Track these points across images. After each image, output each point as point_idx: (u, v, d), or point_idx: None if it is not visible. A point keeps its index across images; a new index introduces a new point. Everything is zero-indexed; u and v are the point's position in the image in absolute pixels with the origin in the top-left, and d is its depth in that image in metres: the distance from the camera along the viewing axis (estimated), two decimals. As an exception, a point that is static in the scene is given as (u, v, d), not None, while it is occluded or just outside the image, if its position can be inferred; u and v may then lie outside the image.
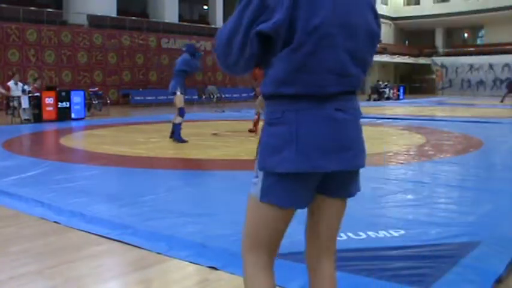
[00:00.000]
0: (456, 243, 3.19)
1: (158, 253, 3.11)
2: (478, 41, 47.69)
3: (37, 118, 12.98)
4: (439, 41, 47.68)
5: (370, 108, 20.25)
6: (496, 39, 43.06)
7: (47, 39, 19.85)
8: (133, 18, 24.16)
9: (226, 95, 24.25)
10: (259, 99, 10.73)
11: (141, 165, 6.51)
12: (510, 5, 39.43)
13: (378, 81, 32.83)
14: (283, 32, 1.33)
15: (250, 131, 9.62)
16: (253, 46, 1.36)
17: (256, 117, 9.67)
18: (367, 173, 6.05)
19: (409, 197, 4.67)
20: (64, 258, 3.05)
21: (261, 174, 1.47)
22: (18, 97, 13.16)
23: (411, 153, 7.58)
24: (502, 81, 38.83)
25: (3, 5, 19.54)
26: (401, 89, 31.99)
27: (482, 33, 47.13)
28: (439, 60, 43.82)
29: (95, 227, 3.62)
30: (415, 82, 45.87)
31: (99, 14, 22.26)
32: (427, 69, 44.61)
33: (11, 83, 13.74)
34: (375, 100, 28.19)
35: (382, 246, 3.14)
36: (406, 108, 20.46)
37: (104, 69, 21.73)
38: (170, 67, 24.26)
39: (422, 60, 45.50)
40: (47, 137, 10.59)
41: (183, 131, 8.51)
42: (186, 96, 8.60)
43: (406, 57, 45.34)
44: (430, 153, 7.51)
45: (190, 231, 3.45)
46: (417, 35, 49.20)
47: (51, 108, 13.22)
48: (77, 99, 13.99)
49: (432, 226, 3.58)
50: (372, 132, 10.77)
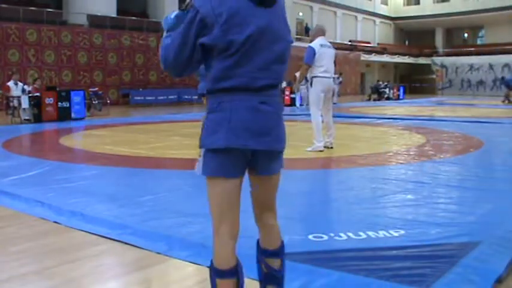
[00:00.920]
0: (456, 243, 3.19)
1: (158, 253, 3.11)
2: (478, 41, 47.70)
3: (37, 118, 12.98)
4: (439, 41, 47.69)
5: (370, 108, 20.26)
6: (496, 39, 43.06)
7: (47, 39, 19.84)
8: (133, 18, 24.16)
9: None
10: None
11: (141, 165, 6.51)
12: (510, 5, 39.43)
13: (378, 81, 32.85)
14: (219, 42, 1.78)
15: None
16: (199, 54, 1.82)
17: None
18: (368, 173, 6.09)
19: (409, 197, 4.67)
20: (64, 258, 3.05)
21: (202, 153, 1.86)
22: (18, 97, 13.16)
23: (411, 153, 7.58)
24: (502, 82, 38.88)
25: (3, 5, 19.53)
26: (401, 89, 31.98)
27: (482, 33, 47.13)
28: (439, 60, 43.82)
29: (95, 227, 3.62)
30: (415, 82, 45.86)
31: (99, 14, 22.25)
32: (427, 69, 44.60)
33: (10, 83, 13.74)
34: (374, 100, 28.19)
35: (382, 246, 3.14)
36: (406, 108, 20.46)
37: (104, 69, 21.73)
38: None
39: (422, 60, 45.51)
40: (47, 137, 10.59)
41: (185, 131, 8.53)
42: (186, 97, 8.59)
43: (406, 57, 45.36)
44: (430, 153, 7.51)
45: (190, 231, 3.46)
46: (417, 35, 49.21)
47: (51, 108, 13.22)
48: (77, 99, 13.99)
49: (432, 226, 3.58)
50: (372, 132, 10.78)
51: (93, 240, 3.41)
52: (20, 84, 13.90)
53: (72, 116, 13.68)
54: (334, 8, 41.01)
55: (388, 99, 29.20)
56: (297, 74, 19.38)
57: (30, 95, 13.19)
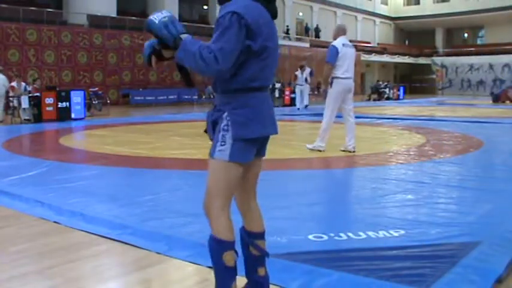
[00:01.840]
0: (456, 243, 3.19)
1: (158, 253, 3.11)
2: (478, 41, 47.69)
3: (37, 118, 12.98)
4: (439, 41, 47.68)
5: (370, 108, 20.26)
6: (496, 39, 43.06)
7: (47, 39, 19.84)
8: (133, 18, 24.14)
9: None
10: None
11: (141, 165, 6.51)
12: (510, 5, 39.43)
13: (378, 81, 32.85)
14: (260, 47, 2.08)
15: None
16: (243, 56, 2.06)
17: None
18: (368, 173, 6.09)
19: (409, 197, 4.67)
20: (64, 258, 3.05)
21: (230, 142, 2.09)
22: (18, 97, 13.16)
23: (411, 153, 7.58)
24: (502, 81, 38.88)
25: (3, 5, 19.52)
26: (401, 89, 31.98)
27: (482, 33, 47.13)
28: (439, 60, 43.82)
29: (95, 227, 3.62)
30: (415, 82, 45.86)
31: (99, 14, 22.25)
32: (427, 69, 44.60)
33: (14, 83, 13.75)
34: (374, 100, 28.19)
35: (382, 246, 3.14)
36: (406, 108, 20.45)
37: (104, 69, 21.72)
38: (170, 67, 24.38)
39: (422, 60, 45.50)
40: (47, 137, 10.58)
41: (185, 131, 8.54)
42: (186, 97, 8.60)
43: (406, 57, 45.35)
44: (430, 153, 7.51)
45: (190, 231, 3.45)
46: (417, 35, 49.20)
47: (51, 108, 13.21)
48: (77, 99, 13.98)
49: (432, 226, 3.58)
50: (372, 132, 10.77)
51: (93, 240, 3.41)
52: (23, 84, 13.92)
53: (72, 116, 13.67)
54: (334, 8, 41.01)
55: (388, 99, 29.20)
56: (296, 72, 19.33)
57: (30, 95, 13.19)
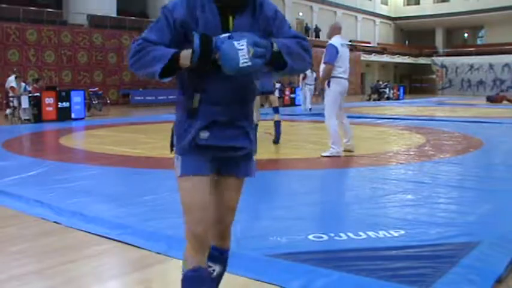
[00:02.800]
0: (456, 243, 3.19)
1: (158, 253, 3.11)
2: (478, 41, 47.70)
3: (37, 118, 12.98)
4: (439, 41, 47.69)
5: (370, 108, 20.26)
6: (496, 39, 43.06)
7: (47, 39, 19.84)
8: (133, 18, 24.15)
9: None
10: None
11: (141, 165, 6.50)
12: (510, 5, 39.44)
13: (378, 81, 32.85)
14: None
15: None
16: None
17: None
18: (368, 173, 6.08)
19: (409, 197, 4.67)
20: (64, 258, 3.05)
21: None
22: (19, 97, 13.17)
23: (411, 153, 7.58)
24: (502, 81, 38.90)
25: (3, 5, 19.52)
26: (401, 89, 31.99)
27: (482, 33, 47.14)
28: (439, 60, 43.82)
29: (95, 227, 3.62)
30: (415, 82, 45.87)
31: (99, 14, 22.25)
32: (427, 69, 44.60)
33: (14, 84, 13.75)
34: (374, 100, 28.19)
35: (382, 246, 3.13)
36: (406, 108, 20.45)
37: (104, 69, 21.73)
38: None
39: (422, 60, 45.51)
40: (47, 137, 10.58)
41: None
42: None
43: (406, 57, 45.34)
44: (430, 153, 7.51)
45: (190, 231, 3.45)
46: (417, 35, 49.21)
47: (51, 108, 13.22)
48: (77, 99, 13.99)
49: (432, 226, 3.58)
50: (372, 132, 10.77)
51: (93, 240, 3.40)
52: (22, 84, 13.92)
53: (72, 116, 13.68)
54: (334, 8, 41.01)
55: (388, 99, 29.20)
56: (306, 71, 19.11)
57: (30, 95, 13.19)
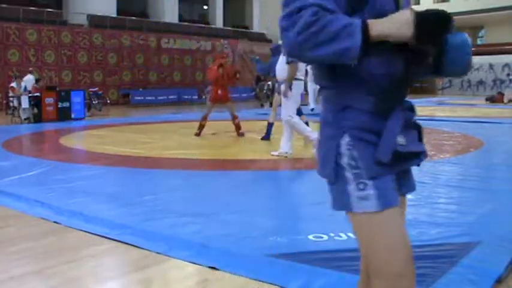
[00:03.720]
0: (456, 243, 3.19)
1: (158, 253, 3.11)
2: (478, 41, 47.72)
3: (37, 118, 12.98)
4: (439, 41, 47.65)
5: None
6: (496, 39, 43.09)
7: (47, 39, 19.83)
8: (133, 18, 24.15)
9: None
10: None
11: (141, 165, 6.51)
12: (510, 5, 39.47)
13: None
14: None
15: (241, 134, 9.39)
16: None
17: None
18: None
19: (409, 197, 4.64)
20: (64, 258, 3.05)
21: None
22: (19, 97, 13.17)
23: (411, 153, 7.57)
24: (502, 82, 38.92)
25: (3, 5, 19.52)
26: (401, 89, 31.95)
27: (482, 33, 47.17)
28: (439, 60, 43.77)
29: (95, 227, 3.62)
30: (415, 82, 45.80)
31: (99, 14, 22.25)
32: (427, 69, 44.56)
33: (14, 84, 13.74)
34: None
35: (382, 246, 3.13)
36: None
37: (104, 69, 21.72)
38: (170, 67, 24.39)
39: (422, 60, 45.46)
40: (47, 137, 10.58)
41: (185, 131, 8.57)
42: (186, 97, 8.62)
43: (406, 57, 45.30)
44: (430, 153, 7.50)
45: (190, 231, 3.45)
46: (417, 35, 49.17)
47: (51, 108, 13.21)
48: (77, 99, 13.98)
49: (432, 226, 3.58)
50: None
51: (93, 240, 3.41)
52: (22, 84, 13.91)
53: (72, 116, 13.67)
54: (334, 8, 40.99)
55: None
56: (308, 67, 18.84)
57: (30, 95, 13.19)
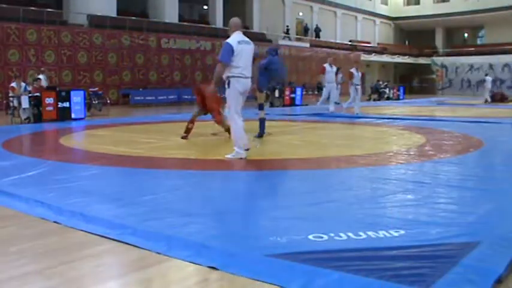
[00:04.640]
0: (456, 243, 3.18)
1: (158, 253, 3.11)
2: (478, 41, 47.72)
3: (37, 118, 12.97)
4: (439, 41, 47.70)
5: (370, 108, 20.25)
6: (496, 39, 43.08)
7: (47, 39, 19.84)
8: (133, 18, 24.15)
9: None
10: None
11: (141, 165, 6.51)
12: (510, 5, 39.47)
13: (378, 81, 32.82)
14: None
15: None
16: None
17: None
18: (368, 173, 6.08)
19: (409, 197, 4.67)
20: (64, 258, 3.05)
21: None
22: (19, 97, 13.16)
23: (411, 153, 7.58)
24: (502, 81, 38.91)
25: (3, 5, 19.51)
26: (401, 89, 31.98)
27: (482, 33, 47.16)
28: (439, 60, 43.83)
29: (95, 227, 3.62)
30: (415, 82, 45.86)
31: (99, 14, 22.25)
32: (427, 69, 44.61)
33: (14, 84, 13.74)
34: (374, 100, 28.18)
35: (382, 246, 3.13)
36: (406, 108, 20.45)
37: (104, 69, 21.72)
38: (170, 67, 24.39)
39: (422, 60, 45.52)
40: (47, 137, 10.58)
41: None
42: (186, 97, 8.66)
43: (406, 57, 45.37)
44: (430, 153, 7.51)
45: (190, 231, 3.45)
46: (417, 35, 49.21)
47: (51, 108, 13.21)
48: (77, 99, 13.97)
49: (432, 226, 3.58)
50: (372, 132, 10.78)
51: (93, 240, 3.40)
52: (23, 84, 13.92)
53: (72, 116, 13.67)
54: (334, 8, 41.01)
55: (388, 99, 29.18)
56: (352, 70, 18.46)
57: (30, 95, 13.19)
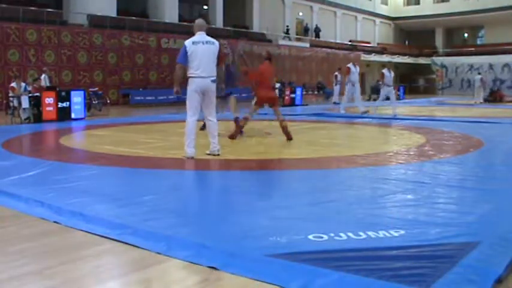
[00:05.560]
0: (456, 243, 3.18)
1: (158, 253, 3.11)
2: (478, 41, 47.71)
3: (37, 118, 12.97)
4: (439, 41, 47.69)
5: (370, 108, 20.23)
6: (496, 39, 43.08)
7: (47, 39, 19.83)
8: (133, 18, 24.14)
9: (226, 95, 24.24)
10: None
11: (141, 165, 6.51)
12: (510, 5, 39.47)
13: (378, 81, 32.80)
14: None
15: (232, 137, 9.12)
16: None
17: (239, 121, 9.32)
18: (368, 173, 6.09)
19: (409, 197, 4.67)
20: (64, 258, 3.05)
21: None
22: (19, 97, 13.17)
23: (411, 153, 7.58)
24: (502, 81, 38.90)
25: (3, 5, 19.51)
26: (401, 89, 31.96)
27: (482, 33, 47.16)
28: (439, 60, 43.82)
29: (95, 227, 3.62)
30: (415, 82, 45.86)
31: (99, 14, 22.25)
32: (427, 69, 44.60)
33: (14, 84, 13.75)
34: (374, 100, 28.15)
35: (382, 246, 3.13)
36: (406, 108, 20.45)
37: (104, 69, 21.72)
38: (170, 67, 24.37)
39: (422, 60, 45.51)
40: (47, 137, 10.59)
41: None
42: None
43: (406, 57, 45.34)
44: (430, 153, 7.51)
45: (190, 231, 3.45)
46: (417, 35, 49.21)
47: (51, 108, 13.20)
48: (77, 99, 13.97)
49: (432, 226, 3.58)
50: (372, 132, 10.78)
51: (93, 240, 3.40)
52: (23, 84, 13.92)
53: (72, 116, 13.67)
54: (334, 8, 41.00)
55: (388, 99, 29.13)
56: (384, 70, 18.10)
57: (30, 94, 13.19)
